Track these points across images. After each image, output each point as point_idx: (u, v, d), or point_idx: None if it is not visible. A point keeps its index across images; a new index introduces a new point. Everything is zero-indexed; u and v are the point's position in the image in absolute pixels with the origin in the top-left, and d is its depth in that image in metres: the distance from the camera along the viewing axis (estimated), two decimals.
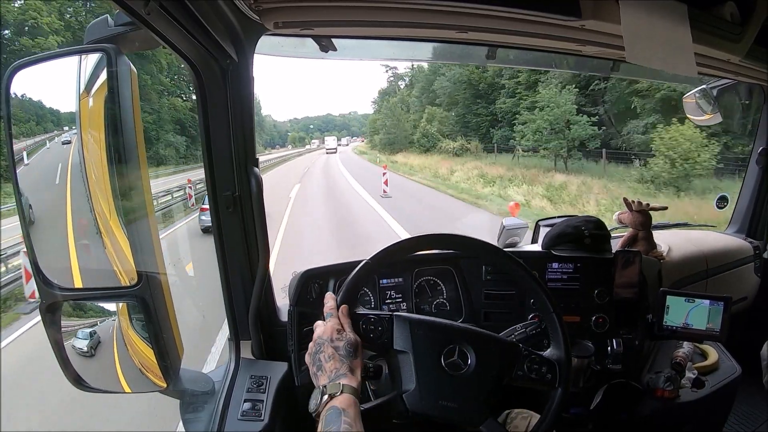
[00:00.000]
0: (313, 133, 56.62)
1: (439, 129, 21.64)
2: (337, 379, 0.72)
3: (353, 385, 0.72)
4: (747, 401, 1.60)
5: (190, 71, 0.91)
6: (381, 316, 0.83)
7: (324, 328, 0.79)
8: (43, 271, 0.74)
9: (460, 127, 20.45)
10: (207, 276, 2.18)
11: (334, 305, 0.82)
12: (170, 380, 0.81)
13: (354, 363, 0.75)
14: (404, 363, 0.80)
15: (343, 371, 0.74)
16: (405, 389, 0.79)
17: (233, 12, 0.84)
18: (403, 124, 25.45)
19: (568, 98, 13.85)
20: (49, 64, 0.77)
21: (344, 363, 0.74)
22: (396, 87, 30.90)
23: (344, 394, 0.70)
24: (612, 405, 1.22)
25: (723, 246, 1.74)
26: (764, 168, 1.77)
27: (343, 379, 0.72)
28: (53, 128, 0.84)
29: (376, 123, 30.47)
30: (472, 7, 0.88)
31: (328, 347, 0.76)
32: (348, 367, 0.74)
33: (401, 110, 26.42)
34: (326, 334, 0.77)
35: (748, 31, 0.99)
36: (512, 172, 14.30)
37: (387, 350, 0.82)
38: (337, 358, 0.75)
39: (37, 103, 0.88)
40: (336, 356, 0.75)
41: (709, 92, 1.71)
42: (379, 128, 28.78)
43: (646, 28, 0.84)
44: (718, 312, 1.17)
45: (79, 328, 0.80)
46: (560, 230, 1.31)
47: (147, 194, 0.76)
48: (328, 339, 0.76)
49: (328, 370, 0.74)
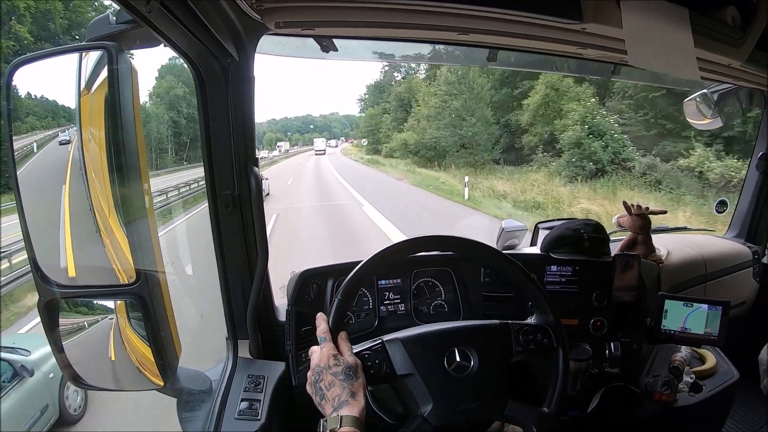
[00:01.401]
0: (291, 135, 52.53)
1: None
2: (338, 409, 0.71)
3: (354, 414, 0.71)
4: (745, 406, 1.60)
5: (191, 70, 0.91)
6: (373, 348, 0.82)
7: (320, 354, 0.77)
8: (42, 269, 0.74)
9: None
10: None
11: (327, 328, 0.80)
12: (167, 379, 0.81)
13: (355, 386, 0.74)
14: (413, 385, 0.80)
15: (345, 397, 0.72)
16: (424, 410, 0.79)
17: (235, 11, 0.84)
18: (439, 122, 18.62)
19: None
20: (51, 61, 0.77)
21: (345, 388, 0.73)
22: (392, 78, 27.75)
23: (344, 427, 0.69)
24: (609, 408, 1.22)
25: (722, 250, 1.74)
26: (764, 173, 1.77)
27: (344, 408, 0.71)
28: (66, 123, 0.84)
29: (375, 120, 25.96)
30: (474, 9, 0.88)
31: (327, 374, 0.75)
32: (349, 392, 0.73)
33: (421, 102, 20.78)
34: (323, 362, 0.76)
35: (750, 36, 0.99)
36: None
37: (392, 379, 0.82)
38: (338, 384, 0.74)
39: (53, 101, 0.88)
40: (336, 382, 0.74)
41: (709, 96, 1.72)
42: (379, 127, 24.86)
43: (648, 31, 0.84)
44: (716, 316, 1.17)
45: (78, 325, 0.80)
46: (559, 233, 1.31)
47: (146, 193, 0.76)
48: (325, 366, 0.75)
49: (331, 398, 0.73)
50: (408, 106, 23.12)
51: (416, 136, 20.09)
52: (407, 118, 22.32)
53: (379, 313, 1.24)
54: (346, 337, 0.80)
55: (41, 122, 4.96)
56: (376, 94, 28.45)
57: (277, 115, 54.09)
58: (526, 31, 1.00)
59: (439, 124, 18.59)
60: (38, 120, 5.09)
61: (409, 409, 0.81)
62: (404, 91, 24.21)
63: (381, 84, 28.44)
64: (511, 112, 17.33)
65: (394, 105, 25.01)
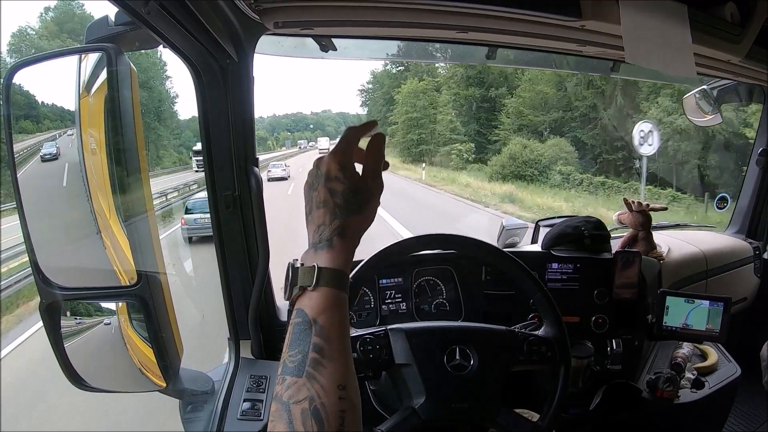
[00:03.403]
0: (279, 133, 48.69)
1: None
2: (317, 255, 0.51)
3: (336, 266, 0.51)
4: (747, 402, 1.60)
5: (189, 71, 0.91)
6: (376, 334, 0.82)
7: (329, 157, 0.55)
8: (43, 271, 0.74)
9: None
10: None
11: (355, 132, 0.57)
12: (170, 380, 0.81)
13: (350, 221, 0.53)
14: (409, 375, 0.80)
15: (330, 231, 0.52)
16: (416, 401, 0.78)
17: (233, 12, 0.84)
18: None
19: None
20: (50, 64, 0.77)
21: (336, 219, 0.52)
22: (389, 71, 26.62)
23: (320, 288, 0.49)
24: (611, 405, 1.22)
25: (723, 246, 1.74)
26: (764, 168, 1.77)
27: (322, 253, 0.51)
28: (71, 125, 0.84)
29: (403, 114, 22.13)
30: (472, 7, 0.88)
31: (322, 188, 0.54)
32: (340, 226, 0.52)
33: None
34: (325, 166, 0.54)
35: (749, 32, 0.98)
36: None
37: (389, 366, 0.82)
38: (329, 208, 0.53)
39: (60, 107, 0.87)
40: (329, 203, 0.53)
41: (709, 93, 1.71)
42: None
43: (646, 28, 0.84)
44: (717, 313, 1.17)
45: (80, 327, 0.80)
46: (560, 230, 1.31)
47: (147, 193, 0.76)
48: (324, 174, 0.54)
49: (315, 222, 0.54)
50: (391, 103, 24.46)
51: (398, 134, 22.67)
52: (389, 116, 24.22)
53: (381, 312, 1.24)
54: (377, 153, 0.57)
55: (53, 123, 5.04)
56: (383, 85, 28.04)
57: (265, 112, 52.41)
58: (525, 29, 1.00)
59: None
60: (51, 122, 5.17)
61: (402, 400, 0.81)
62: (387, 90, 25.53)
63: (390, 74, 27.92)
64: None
65: (379, 103, 26.45)
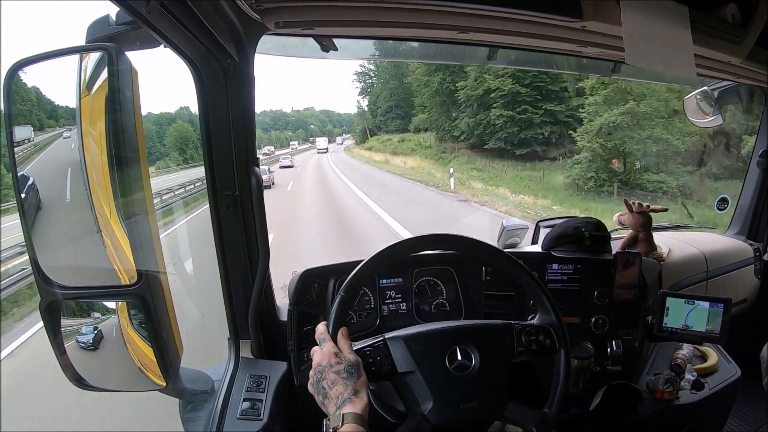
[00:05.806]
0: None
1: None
2: (341, 407, 0.71)
3: (357, 411, 0.71)
4: (747, 403, 1.60)
5: (191, 71, 0.91)
6: (375, 345, 0.82)
7: (321, 354, 0.77)
8: (43, 270, 0.74)
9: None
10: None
11: (325, 330, 0.81)
12: (170, 379, 0.81)
13: (358, 383, 0.74)
14: (414, 382, 0.80)
15: (348, 395, 0.72)
16: (425, 407, 0.79)
17: (234, 11, 0.84)
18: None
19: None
20: (51, 63, 0.77)
21: (348, 386, 0.73)
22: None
23: (347, 424, 0.69)
24: (611, 406, 1.22)
25: (723, 248, 1.74)
26: (765, 170, 1.77)
27: (346, 405, 0.71)
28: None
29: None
30: (473, 7, 0.88)
31: (329, 373, 0.75)
32: (352, 390, 0.73)
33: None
34: (324, 360, 0.76)
35: (750, 33, 0.99)
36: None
37: (393, 376, 0.82)
38: (340, 383, 0.74)
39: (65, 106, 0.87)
40: (339, 381, 0.74)
41: (710, 94, 1.71)
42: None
43: (647, 29, 0.84)
44: (718, 314, 1.16)
45: (80, 326, 0.80)
46: (560, 231, 1.31)
47: (147, 193, 0.76)
48: (327, 365, 0.75)
49: (334, 396, 0.73)
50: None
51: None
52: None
53: (381, 312, 1.24)
54: (346, 335, 0.80)
55: (67, 121, 5.08)
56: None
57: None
58: (526, 30, 1.00)
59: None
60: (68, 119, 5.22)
61: (410, 407, 0.81)
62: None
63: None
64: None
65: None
